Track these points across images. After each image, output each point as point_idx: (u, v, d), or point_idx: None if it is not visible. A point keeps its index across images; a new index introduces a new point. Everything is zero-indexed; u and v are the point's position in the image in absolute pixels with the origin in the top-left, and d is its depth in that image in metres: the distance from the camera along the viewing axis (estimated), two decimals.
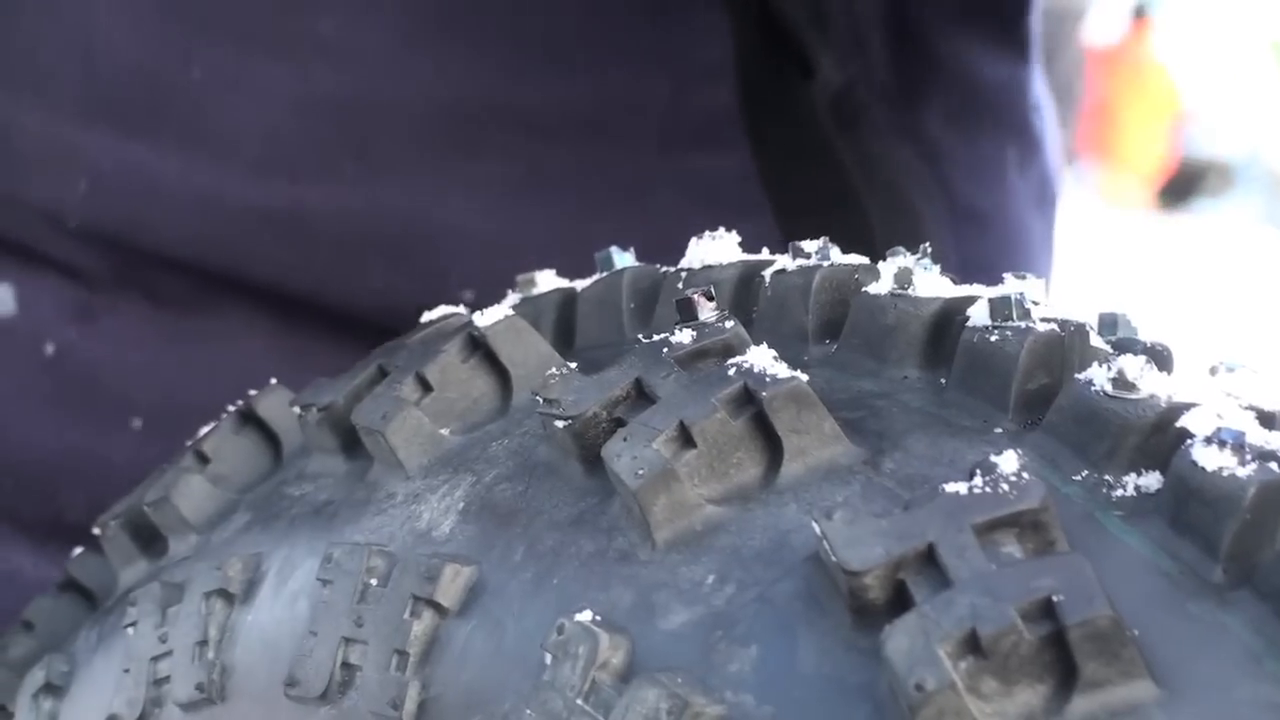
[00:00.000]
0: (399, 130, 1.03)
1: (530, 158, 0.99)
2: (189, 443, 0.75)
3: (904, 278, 0.62)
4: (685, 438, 0.56)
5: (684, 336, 0.59)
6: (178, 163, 1.04)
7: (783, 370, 0.57)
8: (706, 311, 0.61)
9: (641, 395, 0.58)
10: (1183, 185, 8.04)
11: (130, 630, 0.68)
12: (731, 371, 0.57)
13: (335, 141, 1.03)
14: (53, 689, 0.72)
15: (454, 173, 1.00)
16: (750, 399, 0.56)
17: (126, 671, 0.68)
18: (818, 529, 0.51)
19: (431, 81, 1.02)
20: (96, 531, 0.77)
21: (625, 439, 0.56)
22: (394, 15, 1.02)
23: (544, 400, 0.60)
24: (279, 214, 1.03)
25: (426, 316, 0.72)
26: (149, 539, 0.74)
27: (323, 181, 1.02)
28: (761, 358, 0.57)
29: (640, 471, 0.55)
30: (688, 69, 1.03)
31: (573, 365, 0.61)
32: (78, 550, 0.81)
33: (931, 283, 0.63)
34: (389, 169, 1.03)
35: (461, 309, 0.73)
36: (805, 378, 0.57)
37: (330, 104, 1.02)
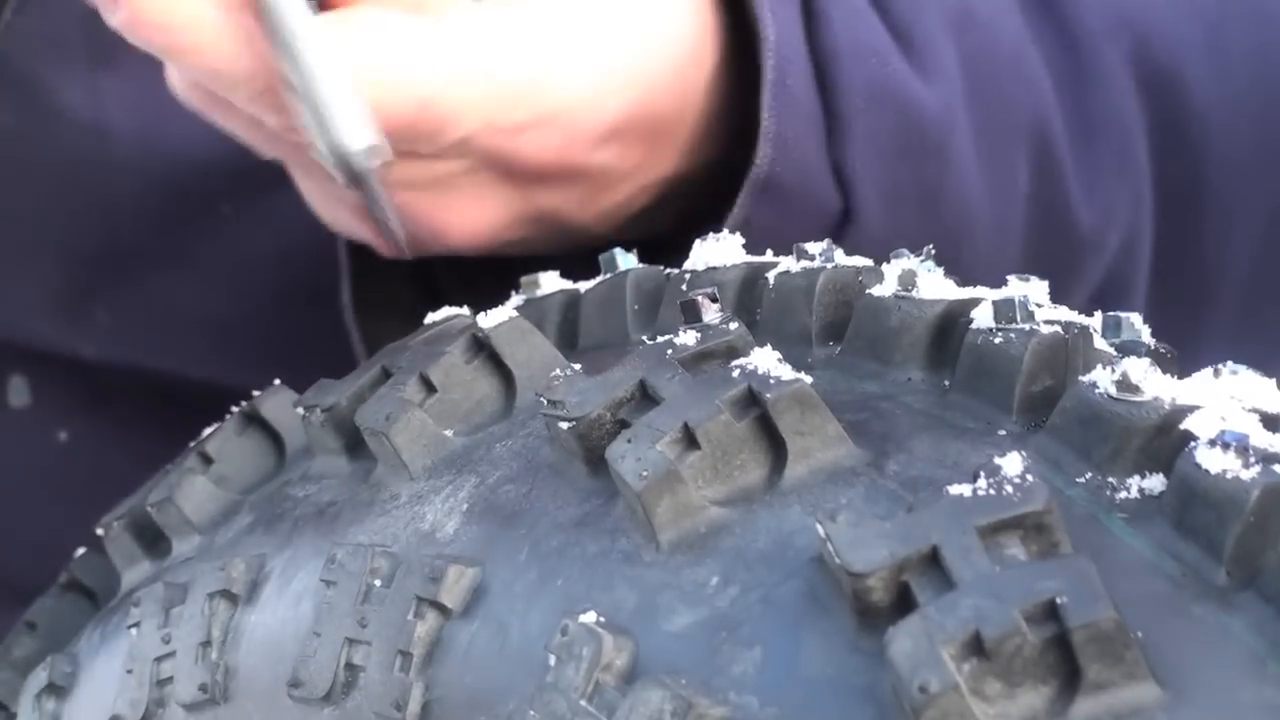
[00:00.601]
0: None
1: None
2: (192, 444, 0.75)
3: (908, 279, 0.62)
4: (689, 439, 0.56)
5: (688, 338, 0.59)
6: (197, 294, 1.04)
7: (787, 372, 0.57)
8: (710, 313, 0.61)
9: (646, 397, 0.58)
10: None
11: (133, 631, 0.68)
12: (736, 373, 0.57)
13: None
14: (56, 689, 0.72)
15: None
16: (754, 401, 0.56)
17: (129, 672, 0.68)
18: (821, 531, 0.51)
19: None
20: (100, 532, 0.77)
21: (629, 440, 0.56)
22: None
23: (548, 401, 0.60)
24: (298, 339, 1.03)
25: (430, 318, 0.72)
26: (152, 539, 0.74)
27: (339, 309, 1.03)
28: (766, 360, 0.57)
29: (644, 473, 0.55)
30: None
31: (576, 366, 0.61)
32: (80, 550, 0.81)
33: (935, 284, 0.63)
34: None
35: (465, 310, 0.73)
36: (809, 380, 0.57)
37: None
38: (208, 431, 0.75)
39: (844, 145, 0.91)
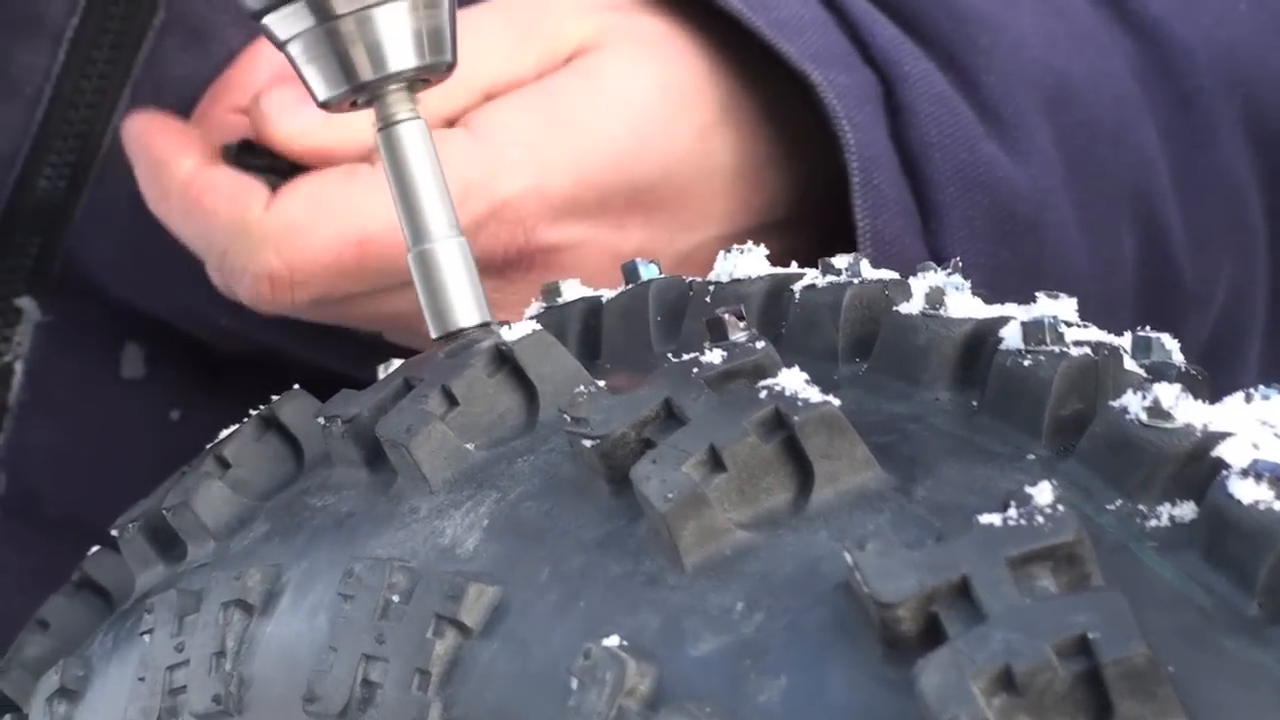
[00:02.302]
0: None
1: None
2: (209, 446, 0.74)
3: (936, 297, 0.62)
4: (715, 461, 0.55)
5: (714, 357, 0.59)
6: None
7: (815, 394, 0.56)
8: (737, 331, 0.60)
9: (671, 416, 0.58)
10: None
11: (146, 637, 0.68)
12: (763, 394, 0.56)
13: None
14: (67, 693, 0.71)
15: None
16: (781, 423, 0.56)
17: (142, 679, 0.67)
18: (849, 559, 0.51)
19: None
20: (114, 533, 0.76)
21: (654, 461, 0.56)
22: None
23: (572, 419, 0.59)
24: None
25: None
26: (167, 542, 0.74)
27: None
28: (793, 381, 0.57)
29: (670, 495, 0.55)
30: None
31: (601, 383, 0.61)
32: (94, 549, 0.80)
33: (963, 302, 0.62)
34: None
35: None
36: (837, 402, 0.56)
37: None
38: (224, 434, 0.74)
39: (941, 235, 0.92)
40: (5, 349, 1.07)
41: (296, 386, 0.74)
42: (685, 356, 0.59)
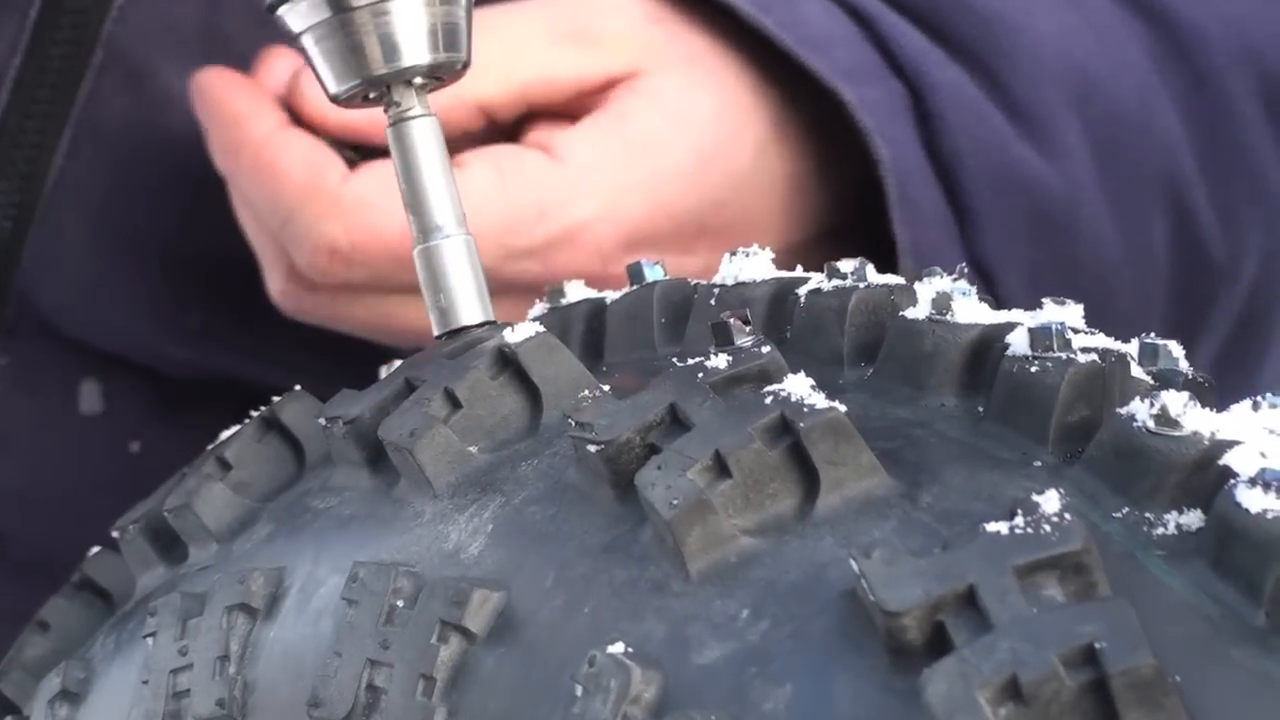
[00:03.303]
0: None
1: None
2: (210, 447, 0.74)
3: (942, 302, 0.62)
4: (720, 467, 0.55)
5: (719, 361, 0.59)
6: None
7: (820, 400, 0.56)
8: (742, 335, 0.60)
9: (676, 421, 0.58)
10: None
11: (149, 641, 0.68)
12: (768, 400, 0.56)
13: None
14: (69, 696, 0.71)
15: None
16: (787, 429, 0.55)
17: (145, 683, 0.67)
18: (856, 567, 0.51)
19: None
20: (115, 534, 0.76)
21: (659, 467, 0.55)
22: None
23: (576, 423, 0.59)
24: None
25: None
26: (168, 544, 0.74)
27: None
28: (799, 386, 0.56)
29: (675, 501, 0.55)
30: None
31: (605, 387, 0.61)
32: (94, 550, 0.80)
33: (970, 308, 0.62)
34: None
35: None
36: (843, 408, 0.56)
37: None
38: (225, 435, 0.74)
39: (978, 240, 0.93)
40: None
41: (298, 388, 0.74)
42: (690, 361, 0.59)
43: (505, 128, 0.96)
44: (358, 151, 0.96)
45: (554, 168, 0.92)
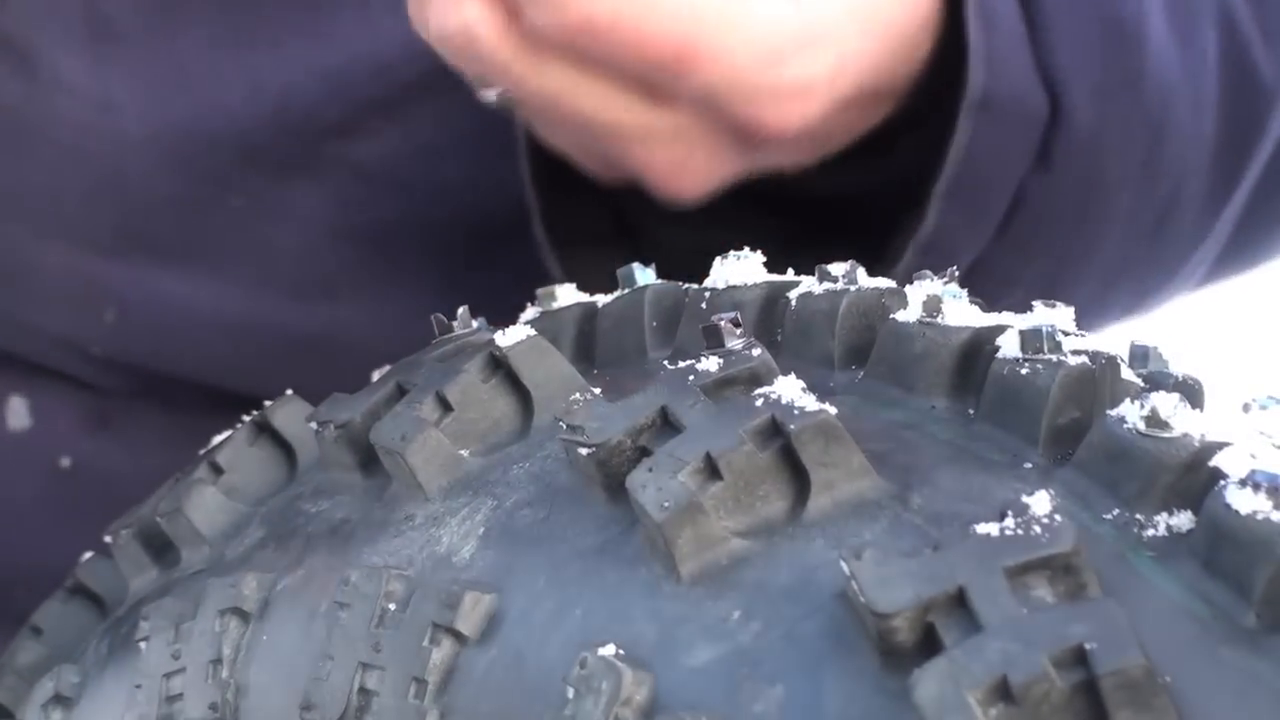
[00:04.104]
0: (434, 251, 1.03)
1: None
2: (202, 452, 0.74)
3: (933, 305, 0.62)
4: (711, 469, 0.55)
5: (710, 364, 0.59)
6: (211, 291, 1.03)
7: (811, 402, 0.56)
8: (733, 338, 0.60)
9: (667, 424, 0.58)
10: None
11: (142, 645, 0.68)
12: (759, 402, 0.56)
13: (373, 263, 1.02)
14: (62, 700, 0.71)
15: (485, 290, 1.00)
16: (778, 431, 0.56)
17: (138, 687, 0.67)
18: (846, 569, 0.51)
19: (469, 202, 1.02)
20: (108, 539, 0.76)
21: (650, 469, 0.56)
22: (433, 136, 1.02)
23: (567, 426, 0.59)
24: (314, 337, 1.02)
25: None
26: (160, 548, 0.74)
27: (360, 303, 1.02)
28: (790, 388, 0.57)
29: (666, 504, 0.55)
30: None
31: (596, 390, 0.61)
32: (87, 555, 0.80)
33: (960, 310, 0.62)
34: (423, 290, 1.02)
35: (480, 322, 0.72)
36: (834, 410, 0.56)
37: (368, 226, 1.02)
38: (217, 440, 0.74)
39: (1051, 50, 0.93)
40: None
41: (290, 392, 0.74)
42: (681, 363, 0.59)
43: None
44: None
45: (793, 10, 0.88)
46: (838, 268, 0.65)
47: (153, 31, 0.99)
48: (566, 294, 0.73)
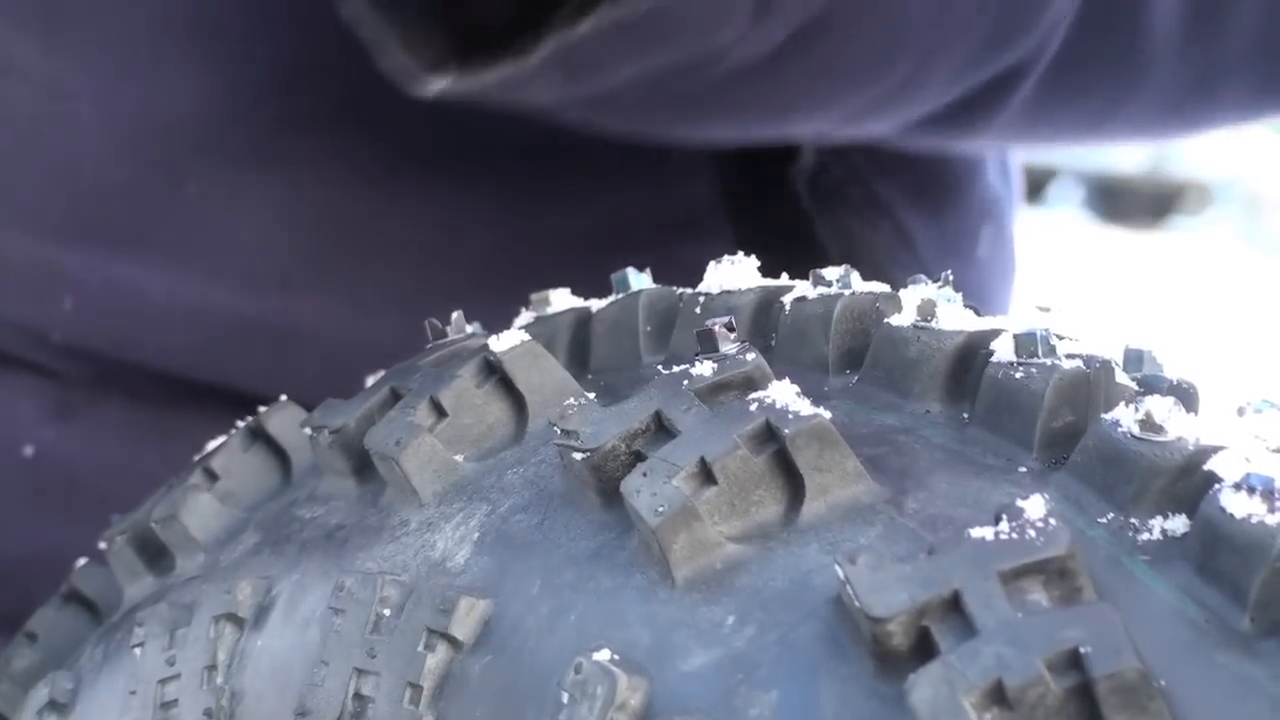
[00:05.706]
0: (390, 242, 1.02)
1: (533, 269, 0.98)
2: (196, 458, 0.74)
3: (927, 309, 0.62)
4: (706, 474, 0.55)
5: (704, 369, 0.59)
6: (166, 279, 1.03)
7: (805, 407, 0.56)
8: (727, 343, 0.60)
9: (661, 428, 0.58)
10: (1162, 204, 8.05)
11: (137, 651, 0.68)
12: (753, 407, 0.56)
13: (328, 254, 1.02)
14: (57, 706, 0.71)
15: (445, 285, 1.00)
16: (772, 436, 0.56)
17: (133, 693, 0.67)
18: (841, 573, 0.51)
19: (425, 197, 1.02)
20: (102, 545, 0.76)
21: (645, 474, 0.55)
22: (384, 132, 1.02)
23: (562, 431, 0.59)
24: (269, 327, 1.02)
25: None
26: (155, 554, 0.74)
27: (315, 293, 1.01)
28: (784, 393, 0.57)
29: (660, 509, 0.55)
30: (668, 170, 1.04)
31: (590, 395, 0.61)
32: (82, 561, 0.80)
33: (954, 315, 0.62)
34: (380, 281, 1.02)
35: (475, 326, 0.72)
36: (828, 415, 0.56)
37: (324, 217, 1.02)
38: (211, 446, 0.74)
39: None
40: None
41: (284, 398, 0.74)
42: (675, 368, 0.59)
43: None
44: None
45: None
46: (832, 272, 0.65)
47: (104, 15, 0.99)
48: (561, 299, 0.73)
